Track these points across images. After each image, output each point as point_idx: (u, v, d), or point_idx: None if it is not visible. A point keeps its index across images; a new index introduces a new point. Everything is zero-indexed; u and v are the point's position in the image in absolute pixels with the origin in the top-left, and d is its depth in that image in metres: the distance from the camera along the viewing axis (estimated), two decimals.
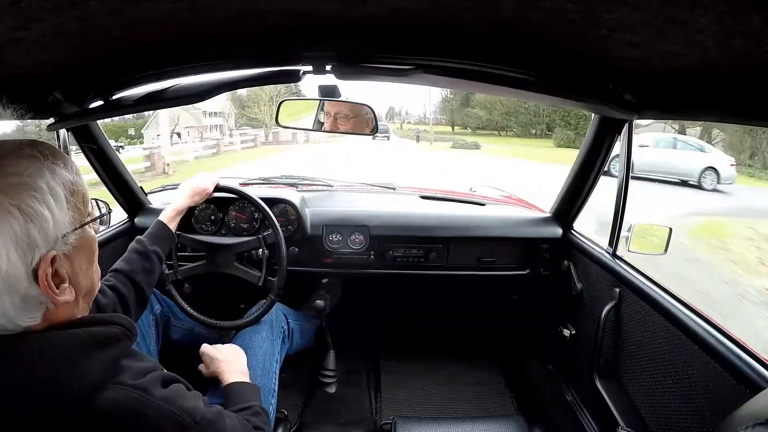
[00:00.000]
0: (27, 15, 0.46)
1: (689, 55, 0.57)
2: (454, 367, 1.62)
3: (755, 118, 0.69)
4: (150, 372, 0.52)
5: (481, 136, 26.35)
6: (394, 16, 0.57)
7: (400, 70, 0.76)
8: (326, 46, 0.74)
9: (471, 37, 0.67)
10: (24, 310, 0.44)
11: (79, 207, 0.48)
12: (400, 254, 1.41)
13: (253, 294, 1.22)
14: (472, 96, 28.48)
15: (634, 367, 1.03)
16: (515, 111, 27.03)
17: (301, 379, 1.49)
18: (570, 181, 1.31)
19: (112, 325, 0.51)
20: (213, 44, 0.71)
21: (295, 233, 1.35)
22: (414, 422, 1.05)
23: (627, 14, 0.48)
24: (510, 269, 1.44)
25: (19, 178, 0.43)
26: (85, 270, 0.50)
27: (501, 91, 0.88)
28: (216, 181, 1.19)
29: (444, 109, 38.23)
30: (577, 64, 0.75)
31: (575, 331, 1.32)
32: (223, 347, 0.98)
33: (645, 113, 0.94)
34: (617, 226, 1.13)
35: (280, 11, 0.56)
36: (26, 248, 0.43)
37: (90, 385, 0.45)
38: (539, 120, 26.51)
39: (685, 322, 0.85)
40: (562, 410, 1.29)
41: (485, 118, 29.41)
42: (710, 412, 0.77)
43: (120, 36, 0.61)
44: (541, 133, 26.53)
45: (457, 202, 1.59)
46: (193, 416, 0.51)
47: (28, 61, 0.64)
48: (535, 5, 0.49)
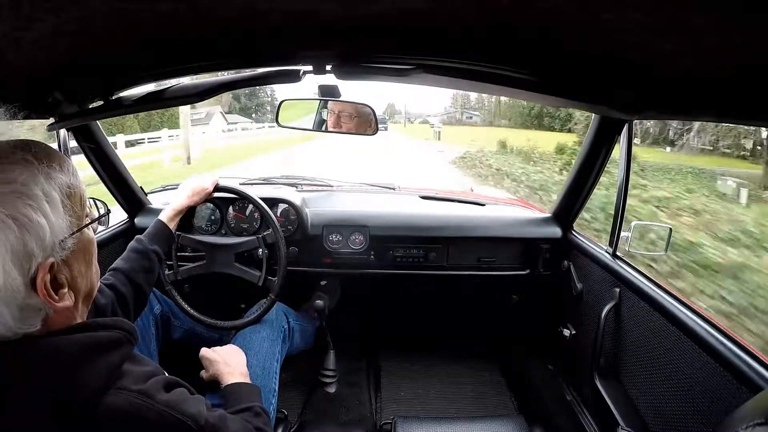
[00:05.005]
0: (27, 15, 0.46)
1: (689, 55, 0.57)
2: (454, 367, 1.62)
3: (755, 118, 0.69)
4: (152, 376, 0.51)
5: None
6: (394, 16, 0.57)
7: (400, 70, 0.76)
8: (326, 46, 0.74)
9: (471, 37, 0.66)
10: (23, 318, 0.43)
11: (77, 210, 0.48)
12: (400, 254, 1.41)
13: (253, 294, 1.22)
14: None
15: (634, 367, 1.03)
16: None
17: (301, 379, 1.49)
18: (570, 181, 1.31)
19: (114, 329, 0.50)
20: (213, 44, 0.71)
21: (295, 233, 1.35)
22: (414, 422, 1.05)
23: (627, 14, 0.48)
24: (510, 269, 1.44)
25: (13, 186, 0.42)
26: (84, 273, 0.50)
27: (501, 91, 0.88)
28: (216, 181, 1.19)
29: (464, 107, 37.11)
30: (577, 64, 0.75)
31: (575, 331, 1.32)
32: (222, 349, 0.98)
33: (645, 113, 0.94)
34: (617, 226, 1.13)
35: (280, 11, 0.55)
36: (23, 258, 0.41)
37: (92, 390, 0.45)
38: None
39: (686, 322, 0.85)
40: (562, 410, 1.29)
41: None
42: (710, 411, 0.77)
43: (120, 36, 0.61)
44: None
45: (457, 202, 1.60)
46: (196, 421, 0.51)
47: (29, 61, 0.64)
48: (535, 5, 0.49)
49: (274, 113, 1.30)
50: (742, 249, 3.42)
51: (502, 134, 19.36)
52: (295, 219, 1.36)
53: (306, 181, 1.64)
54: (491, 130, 26.86)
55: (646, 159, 7.50)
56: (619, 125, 1.08)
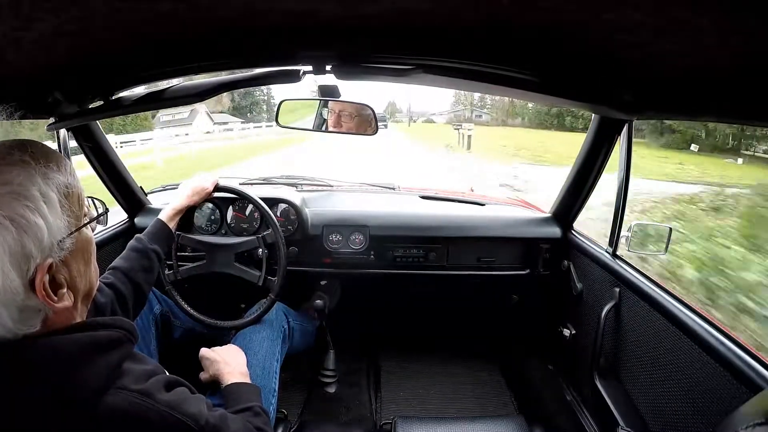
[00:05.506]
0: (27, 15, 0.46)
1: (689, 55, 0.57)
2: (454, 367, 1.62)
3: (755, 118, 0.69)
4: (153, 375, 0.51)
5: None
6: (394, 16, 0.57)
7: (400, 70, 0.76)
8: (326, 46, 0.74)
9: (471, 37, 0.66)
10: (23, 320, 0.43)
11: (74, 210, 0.47)
12: (400, 254, 1.41)
13: (253, 294, 1.22)
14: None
15: (634, 367, 1.03)
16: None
17: (301, 379, 1.49)
18: (570, 181, 1.31)
19: (114, 328, 0.50)
20: (213, 44, 0.71)
21: (295, 233, 1.35)
22: (414, 422, 1.05)
23: (626, 14, 0.48)
24: (510, 269, 1.44)
25: (10, 188, 0.42)
26: (83, 272, 0.50)
27: (501, 91, 0.88)
28: (216, 181, 1.19)
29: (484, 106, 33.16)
30: (577, 64, 0.75)
31: (575, 331, 1.32)
32: (221, 349, 0.98)
33: (645, 113, 0.94)
34: (617, 226, 1.13)
35: (280, 11, 0.55)
36: (21, 260, 0.41)
37: (92, 390, 0.45)
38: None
39: (686, 322, 0.85)
40: (562, 410, 1.29)
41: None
42: (710, 412, 0.77)
43: (120, 36, 0.61)
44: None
45: (457, 202, 1.60)
46: (197, 421, 0.51)
47: (29, 61, 0.64)
48: (535, 5, 0.49)
49: (269, 112, 1.30)
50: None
51: (535, 137, 15.80)
52: (295, 219, 1.36)
53: (306, 181, 1.64)
54: (510, 131, 23.50)
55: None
56: (619, 125, 1.08)
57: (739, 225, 2.69)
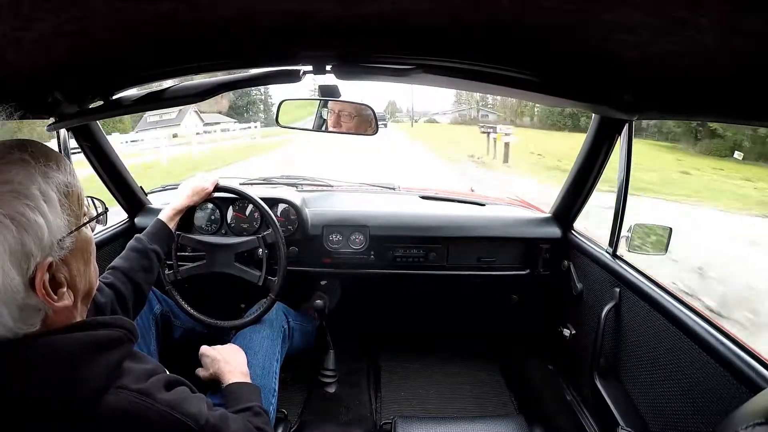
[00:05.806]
0: (27, 15, 0.46)
1: (689, 55, 0.57)
2: (454, 367, 1.62)
3: (755, 118, 0.69)
4: (153, 374, 0.51)
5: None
6: (394, 16, 0.57)
7: (400, 70, 0.76)
8: (326, 46, 0.74)
9: (471, 37, 0.66)
10: (23, 318, 0.43)
11: (74, 209, 0.48)
12: (400, 254, 1.41)
13: (253, 293, 1.22)
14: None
15: (634, 367, 1.03)
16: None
17: (301, 379, 1.49)
18: (570, 181, 1.31)
19: (114, 327, 0.50)
20: (213, 44, 0.71)
21: (296, 233, 1.35)
22: (414, 422, 1.05)
23: (626, 14, 0.48)
24: (510, 269, 1.44)
25: (10, 186, 0.42)
26: (82, 272, 0.50)
27: (501, 91, 0.88)
28: (216, 181, 1.19)
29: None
30: (577, 64, 0.75)
31: (575, 331, 1.32)
32: (222, 347, 0.98)
33: (645, 113, 0.94)
34: (617, 226, 1.13)
35: (280, 11, 0.56)
36: (21, 258, 0.41)
37: (92, 389, 0.45)
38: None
39: (686, 322, 0.85)
40: (562, 410, 1.29)
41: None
42: (710, 411, 0.77)
43: (120, 36, 0.61)
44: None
45: (457, 202, 1.60)
46: (197, 420, 0.51)
47: (29, 61, 0.64)
48: (535, 5, 0.49)
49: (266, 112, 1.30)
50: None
51: (561, 140, 12.89)
52: (295, 219, 1.36)
53: (306, 181, 1.64)
54: (523, 131, 20.91)
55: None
56: (620, 125, 1.08)
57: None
